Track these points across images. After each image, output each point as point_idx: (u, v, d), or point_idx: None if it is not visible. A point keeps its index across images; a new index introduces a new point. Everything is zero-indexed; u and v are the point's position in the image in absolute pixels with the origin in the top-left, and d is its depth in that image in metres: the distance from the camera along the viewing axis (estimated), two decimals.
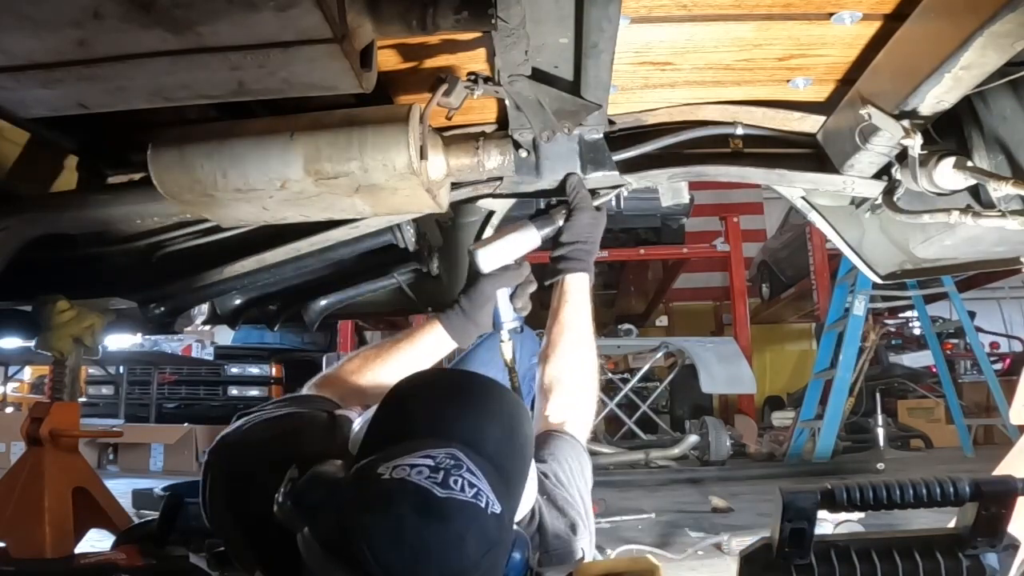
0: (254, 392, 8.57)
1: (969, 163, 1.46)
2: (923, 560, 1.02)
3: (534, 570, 1.04)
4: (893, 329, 8.96)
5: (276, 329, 2.36)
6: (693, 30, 1.42)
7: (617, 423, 7.41)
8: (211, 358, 9.01)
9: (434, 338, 1.63)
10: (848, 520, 2.70)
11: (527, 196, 1.87)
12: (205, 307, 2.29)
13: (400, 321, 7.23)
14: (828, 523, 2.60)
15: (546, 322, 1.68)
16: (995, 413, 7.33)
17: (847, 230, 1.98)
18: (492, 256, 1.63)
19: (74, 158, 1.89)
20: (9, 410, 7.96)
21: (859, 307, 6.29)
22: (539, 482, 1.25)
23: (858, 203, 1.85)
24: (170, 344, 8.73)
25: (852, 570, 1.02)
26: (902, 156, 1.54)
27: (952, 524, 1.09)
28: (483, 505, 0.89)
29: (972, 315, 7.51)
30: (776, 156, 1.77)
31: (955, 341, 8.51)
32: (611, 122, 1.74)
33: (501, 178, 1.74)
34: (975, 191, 1.52)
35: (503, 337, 1.70)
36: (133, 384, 8.49)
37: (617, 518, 3.72)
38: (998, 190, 1.40)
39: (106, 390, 8.67)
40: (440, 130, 1.68)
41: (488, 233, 1.98)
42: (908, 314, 8.87)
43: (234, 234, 1.96)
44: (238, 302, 2.32)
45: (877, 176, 1.67)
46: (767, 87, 1.67)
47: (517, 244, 1.65)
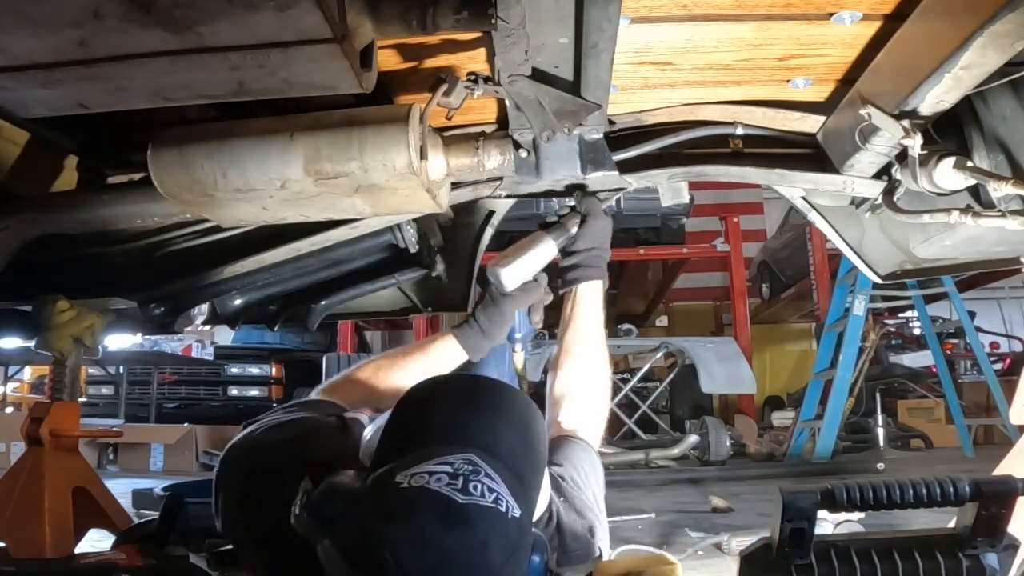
0: (254, 392, 8.57)
1: (969, 163, 1.46)
2: (923, 560, 1.02)
3: (553, 571, 1.04)
4: (893, 329, 8.96)
5: (276, 329, 2.36)
6: (693, 30, 1.42)
7: (617, 423, 7.40)
8: (211, 358, 9.02)
9: (448, 351, 1.64)
10: (848, 520, 2.70)
11: (527, 196, 1.87)
12: (205, 307, 2.28)
13: (400, 321, 7.23)
14: (828, 523, 2.60)
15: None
16: (995, 413, 7.33)
17: (847, 230, 1.98)
18: (514, 274, 1.61)
19: (74, 158, 1.89)
20: (9, 410, 7.97)
21: (859, 307, 6.29)
22: (556, 485, 1.26)
23: (858, 203, 1.85)
24: (170, 344, 8.74)
25: (852, 570, 1.02)
26: (902, 156, 1.54)
27: (952, 524, 1.09)
28: (503, 510, 0.89)
29: (972, 315, 7.51)
30: (776, 156, 1.77)
31: (955, 341, 8.51)
32: (611, 122, 1.74)
33: (501, 178, 1.74)
34: (975, 191, 1.51)
35: (516, 348, 1.71)
36: (133, 384, 8.49)
37: (617, 518, 3.72)
38: (998, 190, 1.40)
39: (106, 390, 8.68)
40: (440, 130, 1.67)
41: (486, 239, 1.98)
42: (908, 314, 8.87)
43: (234, 234, 1.96)
44: (238, 302, 2.32)
45: (877, 176, 1.67)
46: (767, 87, 1.66)
47: (536, 258, 1.63)
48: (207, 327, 5.77)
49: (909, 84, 1.32)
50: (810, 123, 1.72)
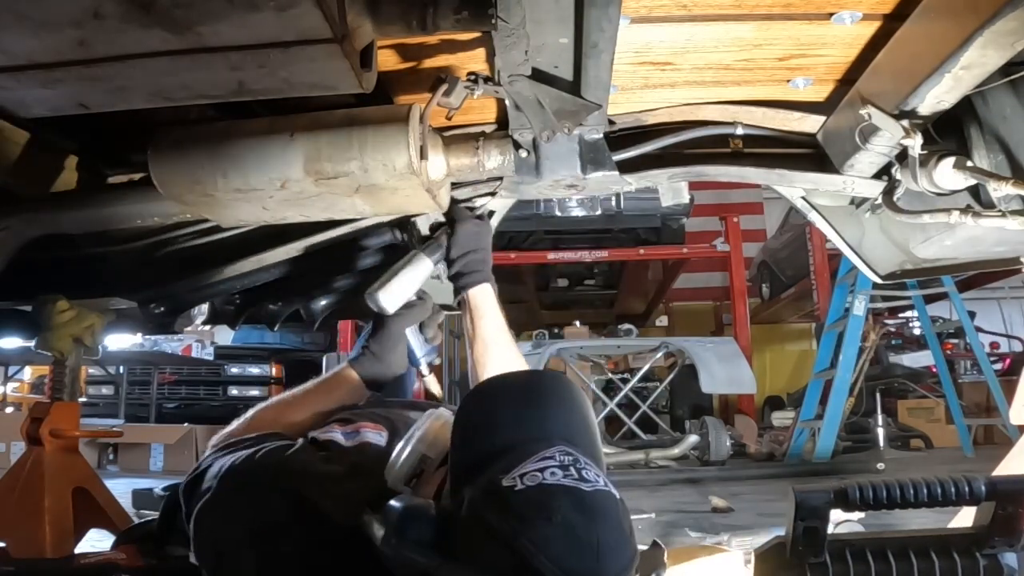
0: (254, 392, 8.57)
1: (969, 163, 1.46)
2: (939, 559, 1.01)
3: None
4: (893, 329, 8.97)
5: (276, 329, 2.36)
6: (693, 30, 1.42)
7: (617, 423, 7.41)
8: (211, 358, 9.02)
9: (348, 385, 1.61)
10: (848, 520, 2.70)
11: (527, 196, 1.87)
12: (205, 307, 2.28)
13: None
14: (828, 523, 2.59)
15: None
16: (995, 413, 7.33)
17: (847, 230, 1.98)
18: (392, 297, 1.60)
19: (74, 158, 1.89)
20: (9, 410, 7.97)
21: (859, 307, 6.29)
22: None
23: (858, 203, 1.85)
24: (170, 344, 8.73)
25: (867, 569, 1.01)
26: (902, 156, 1.54)
27: (951, 525, 1.08)
28: (614, 492, 0.91)
29: (972, 315, 7.51)
30: (776, 156, 1.76)
31: (955, 341, 8.52)
32: (611, 122, 1.73)
33: (501, 178, 1.74)
34: (975, 191, 1.51)
35: (424, 371, 1.70)
36: (133, 384, 8.50)
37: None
38: (998, 190, 1.40)
39: (106, 390, 8.69)
40: (440, 130, 1.67)
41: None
42: (908, 314, 8.88)
43: (234, 234, 1.96)
44: (238, 302, 2.32)
45: (877, 176, 1.67)
46: (767, 87, 1.66)
47: (412, 277, 1.63)
48: (207, 327, 5.77)
49: (909, 84, 1.32)
50: (810, 123, 1.72)
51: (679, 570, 2.15)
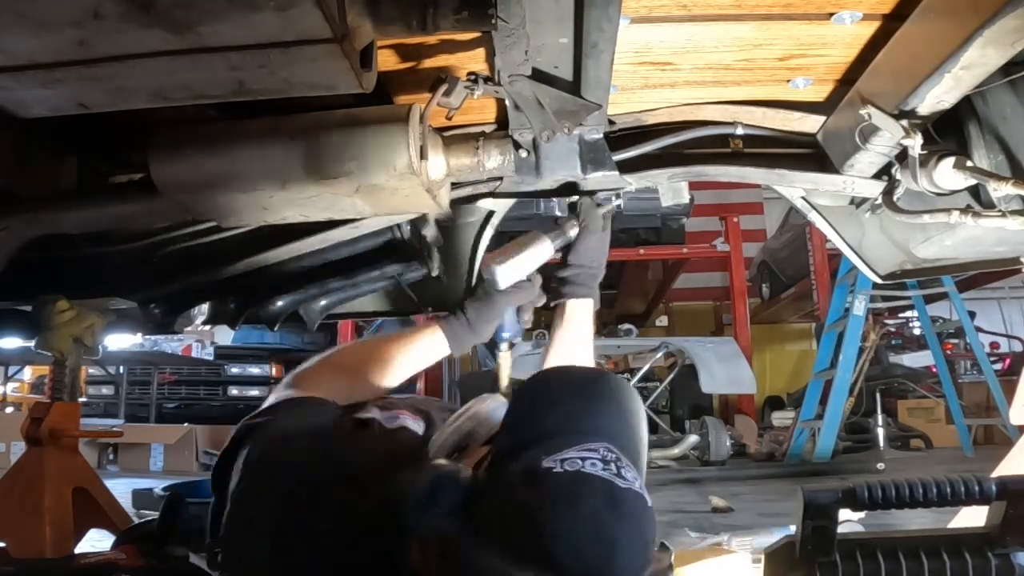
0: (254, 392, 8.57)
1: (969, 163, 1.46)
2: (950, 559, 1.00)
3: None
4: (893, 329, 8.97)
5: (276, 329, 2.36)
6: (693, 30, 1.42)
7: None
8: (211, 358, 9.02)
9: (431, 344, 1.57)
10: (848, 520, 2.70)
11: (527, 196, 1.87)
12: (205, 307, 2.28)
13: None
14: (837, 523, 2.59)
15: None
16: (995, 413, 7.32)
17: (847, 230, 1.98)
18: (510, 272, 1.57)
19: (74, 158, 1.89)
20: (9, 410, 7.97)
21: (859, 307, 6.29)
22: None
23: (858, 203, 1.85)
24: (170, 344, 8.73)
25: (877, 568, 1.01)
26: (902, 156, 1.54)
27: (951, 525, 1.08)
28: (646, 496, 0.90)
29: (972, 315, 7.51)
30: (776, 156, 1.77)
31: (955, 341, 8.52)
32: (611, 122, 1.74)
33: (501, 178, 1.74)
34: (975, 191, 1.51)
35: (502, 348, 1.68)
36: (133, 384, 8.51)
37: None
38: (998, 190, 1.40)
39: (106, 390, 8.69)
40: (440, 130, 1.67)
41: (486, 239, 1.97)
42: (908, 314, 8.88)
43: (234, 234, 1.95)
44: (238, 302, 2.32)
45: (877, 176, 1.67)
46: (767, 87, 1.66)
47: (532, 258, 1.60)
48: (207, 327, 5.76)
49: (909, 84, 1.32)
50: (810, 123, 1.72)
51: (686, 571, 2.15)
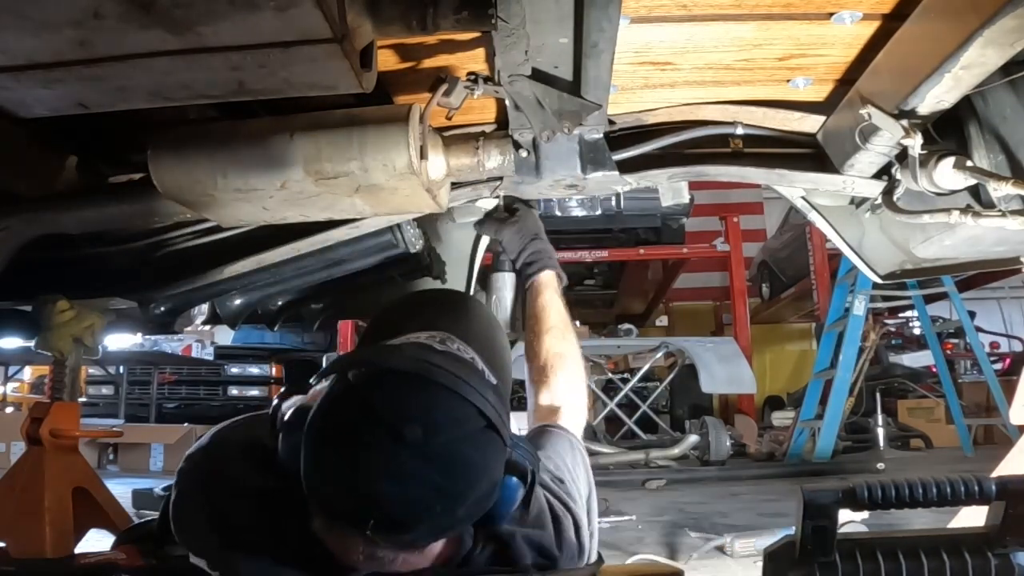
0: (254, 392, 8.57)
1: (969, 163, 1.46)
2: (950, 559, 1.00)
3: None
4: (893, 329, 8.97)
5: (276, 329, 2.36)
6: (693, 30, 1.42)
7: (617, 423, 7.40)
8: (211, 358, 9.01)
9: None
10: (851, 521, 2.69)
11: (527, 196, 1.87)
12: (205, 307, 2.28)
13: None
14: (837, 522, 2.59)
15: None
16: (995, 413, 7.32)
17: (847, 230, 1.98)
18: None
19: (74, 158, 1.89)
20: (9, 410, 7.97)
21: (859, 307, 6.29)
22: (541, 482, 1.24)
23: (858, 203, 1.85)
24: (170, 344, 8.73)
25: (877, 568, 1.00)
26: (902, 156, 1.54)
27: (951, 525, 1.08)
28: (480, 368, 0.95)
29: (972, 315, 7.51)
30: (776, 156, 1.77)
31: (955, 341, 8.51)
32: (611, 122, 1.74)
33: (501, 178, 1.74)
34: (975, 191, 1.51)
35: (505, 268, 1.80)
36: (133, 384, 8.50)
37: (616, 518, 3.72)
38: (998, 190, 1.40)
39: (106, 390, 8.68)
40: (440, 130, 1.67)
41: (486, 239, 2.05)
42: (908, 314, 8.88)
43: (234, 234, 1.96)
44: (238, 302, 2.32)
45: (877, 176, 1.67)
46: (767, 87, 1.66)
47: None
48: (207, 327, 5.77)
49: (909, 84, 1.32)
50: (810, 123, 1.72)
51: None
